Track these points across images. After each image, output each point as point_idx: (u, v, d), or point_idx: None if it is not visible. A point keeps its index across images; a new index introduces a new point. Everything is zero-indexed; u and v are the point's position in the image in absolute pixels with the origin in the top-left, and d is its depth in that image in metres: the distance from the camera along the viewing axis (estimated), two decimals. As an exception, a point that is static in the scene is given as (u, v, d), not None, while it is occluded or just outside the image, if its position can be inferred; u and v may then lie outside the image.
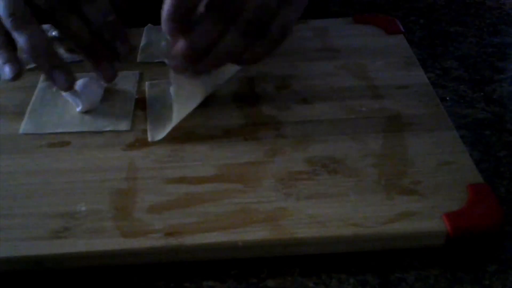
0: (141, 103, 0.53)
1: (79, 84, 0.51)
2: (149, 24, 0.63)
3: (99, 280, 0.39)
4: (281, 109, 0.51)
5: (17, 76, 0.48)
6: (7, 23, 0.47)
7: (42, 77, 0.55)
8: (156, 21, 0.57)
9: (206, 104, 0.52)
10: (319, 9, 0.64)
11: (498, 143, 0.50)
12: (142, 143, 0.48)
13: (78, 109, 0.51)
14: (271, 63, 0.57)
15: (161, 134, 0.48)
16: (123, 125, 0.50)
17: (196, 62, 0.45)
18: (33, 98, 0.53)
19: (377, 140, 0.47)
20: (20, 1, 0.47)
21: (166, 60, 0.52)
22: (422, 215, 0.40)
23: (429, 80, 0.54)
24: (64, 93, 0.51)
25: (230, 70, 0.55)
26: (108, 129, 0.49)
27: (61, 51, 0.59)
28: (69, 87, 0.49)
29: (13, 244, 0.39)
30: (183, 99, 0.50)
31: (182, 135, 0.48)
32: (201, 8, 0.43)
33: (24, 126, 0.50)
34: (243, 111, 0.51)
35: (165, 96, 0.53)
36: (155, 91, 0.54)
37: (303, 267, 0.40)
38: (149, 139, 0.48)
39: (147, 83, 0.55)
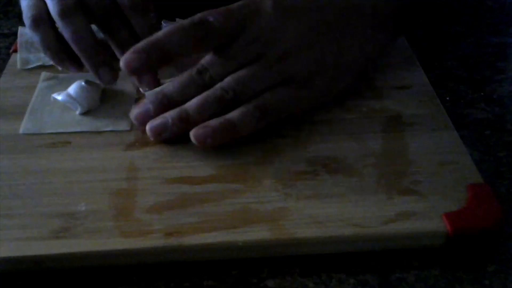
0: (141, 103, 0.53)
1: (74, 88, 0.51)
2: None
3: (99, 280, 0.39)
4: (281, 109, 0.51)
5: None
6: (53, 10, 0.48)
7: (42, 77, 0.55)
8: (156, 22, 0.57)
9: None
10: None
11: (498, 143, 0.50)
12: (142, 143, 0.48)
13: (78, 112, 0.51)
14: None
15: None
16: (123, 125, 0.50)
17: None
18: (33, 98, 0.53)
19: (377, 140, 0.47)
20: None
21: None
22: (422, 215, 0.40)
23: (429, 80, 0.54)
24: (61, 98, 0.51)
25: None
26: (108, 129, 0.49)
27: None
28: (112, 82, 0.51)
29: (13, 244, 0.39)
30: None
31: (182, 135, 0.48)
32: None
33: (24, 126, 0.50)
34: (243, 111, 0.51)
35: None
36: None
37: (303, 267, 0.40)
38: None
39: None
